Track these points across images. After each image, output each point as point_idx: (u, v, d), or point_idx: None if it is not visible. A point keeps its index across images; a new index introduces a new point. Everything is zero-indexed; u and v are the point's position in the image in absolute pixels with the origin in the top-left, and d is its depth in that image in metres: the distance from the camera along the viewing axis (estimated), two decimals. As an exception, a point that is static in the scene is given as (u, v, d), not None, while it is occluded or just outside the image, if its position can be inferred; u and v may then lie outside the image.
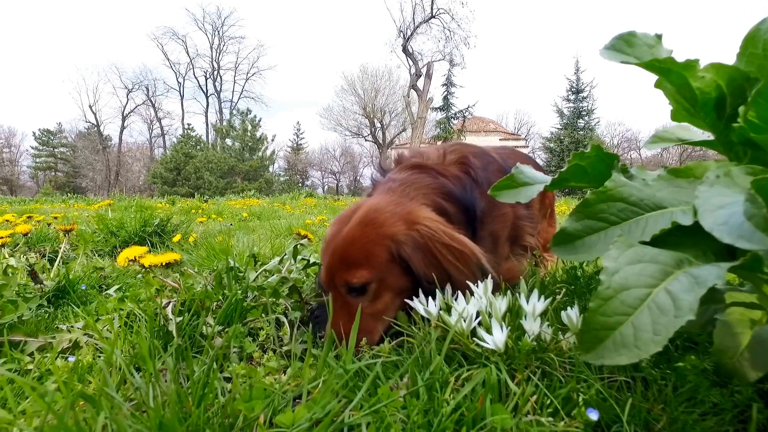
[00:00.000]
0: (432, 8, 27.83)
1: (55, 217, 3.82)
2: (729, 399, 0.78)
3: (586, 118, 32.58)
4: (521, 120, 48.19)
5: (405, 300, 1.09)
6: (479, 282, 1.05)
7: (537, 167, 1.95)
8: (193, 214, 6.18)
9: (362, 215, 1.19)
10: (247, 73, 48.00)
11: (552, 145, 32.50)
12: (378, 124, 37.84)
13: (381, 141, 37.67)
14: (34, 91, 78.95)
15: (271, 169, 41.93)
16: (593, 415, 0.69)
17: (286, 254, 1.39)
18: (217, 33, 46.44)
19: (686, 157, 34.52)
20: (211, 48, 46.92)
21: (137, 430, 0.57)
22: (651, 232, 0.77)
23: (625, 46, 1.04)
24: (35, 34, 74.49)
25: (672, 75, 0.96)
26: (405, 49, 28.90)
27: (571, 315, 0.94)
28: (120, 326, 1.09)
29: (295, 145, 51.19)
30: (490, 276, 1.09)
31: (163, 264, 1.26)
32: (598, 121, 33.10)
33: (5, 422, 0.68)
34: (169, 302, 1.17)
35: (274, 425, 0.70)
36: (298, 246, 1.40)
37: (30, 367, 1.02)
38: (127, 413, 0.62)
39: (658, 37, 1.03)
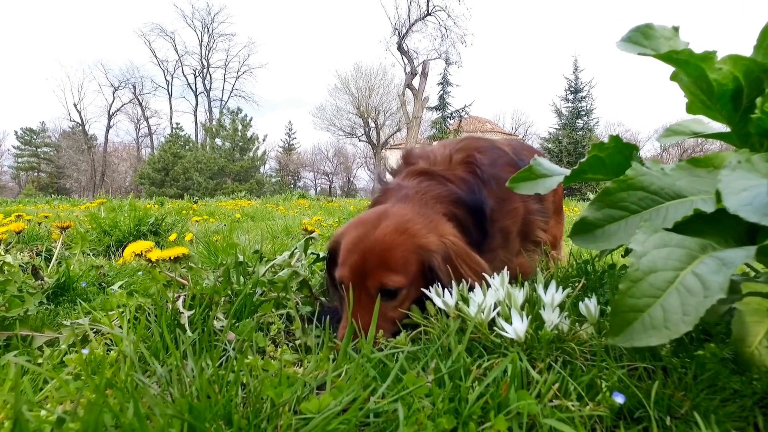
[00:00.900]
0: (428, 5, 27.97)
1: (46, 216, 3.80)
2: (749, 386, 0.81)
3: (585, 118, 32.79)
4: (518, 120, 48.47)
5: (422, 289, 1.15)
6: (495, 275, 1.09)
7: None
8: (185, 215, 6.17)
9: (395, 222, 1.25)
10: (238, 71, 47.95)
11: (550, 145, 32.66)
12: (372, 124, 37.89)
13: (375, 141, 37.73)
14: (16, 89, 78.30)
15: (262, 169, 41.81)
16: (619, 399, 0.71)
17: (296, 248, 1.40)
18: (206, 30, 46.35)
19: (686, 158, 34.74)
20: (201, 45, 46.83)
21: (169, 415, 0.59)
22: (672, 220, 0.80)
23: (642, 38, 1.06)
24: (17, 28, 73.93)
25: (689, 67, 0.99)
26: (400, 47, 29.00)
27: (590, 305, 0.96)
28: (130, 320, 1.10)
29: (286, 145, 51.15)
30: (505, 269, 1.11)
31: (171, 258, 1.27)
32: (597, 122, 33.33)
33: (27, 407, 0.69)
34: (179, 296, 1.18)
35: (299, 413, 0.72)
36: (308, 241, 1.42)
37: (40, 360, 1.03)
38: (157, 399, 0.63)
39: (675, 29, 1.06)
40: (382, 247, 1.20)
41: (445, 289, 1.07)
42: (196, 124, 47.03)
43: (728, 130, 1.07)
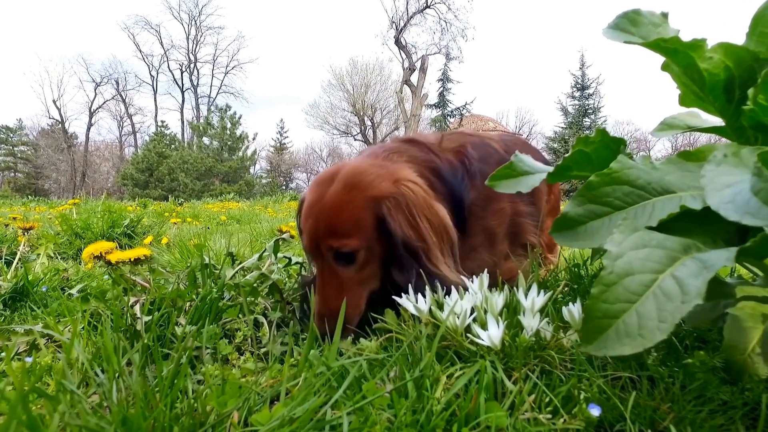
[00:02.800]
0: (427, -3, 28.07)
1: (14, 218, 3.77)
2: (739, 396, 0.79)
3: (593, 116, 32.88)
4: (522, 118, 48.41)
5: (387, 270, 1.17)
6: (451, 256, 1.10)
7: (545, 162, 1.97)
8: (166, 217, 6.15)
9: (345, 178, 1.22)
10: (227, 67, 47.98)
11: (556, 145, 32.70)
12: (368, 122, 37.91)
13: (371, 141, 37.72)
14: (-8, 84, 77.99)
15: (252, 170, 41.78)
16: (595, 411, 0.70)
17: (266, 250, 1.38)
18: (193, 23, 46.38)
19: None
20: (188, 39, 46.84)
21: (99, 427, 0.57)
22: (658, 217, 0.78)
23: (629, 25, 1.05)
24: (-6, 22, 73.75)
25: (678, 56, 0.98)
26: (398, 42, 29.07)
27: (573, 310, 0.95)
28: (83, 326, 1.08)
29: (278, 144, 51.09)
30: (486, 271, 1.10)
31: (132, 260, 1.26)
32: (605, 120, 33.39)
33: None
34: (137, 300, 1.16)
35: (250, 425, 0.70)
36: (279, 242, 1.40)
37: (-19, 370, 1.01)
38: (87, 409, 0.61)
39: (664, 15, 1.05)
40: (330, 209, 1.17)
41: (403, 268, 1.08)
42: (182, 122, 47.03)
43: (723, 123, 1.06)
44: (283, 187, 44.71)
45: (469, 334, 0.92)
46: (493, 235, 1.48)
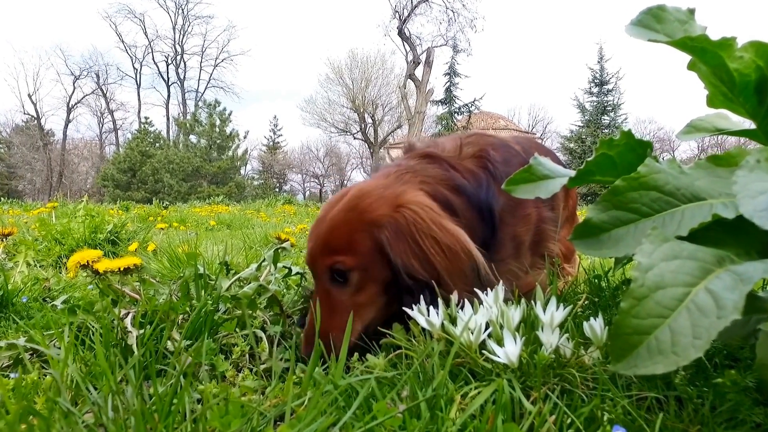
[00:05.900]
0: (432, -15, 28.18)
1: (-11, 222, 3.79)
2: (774, 419, 0.80)
3: (612, 114, 32.93)
4: (536, 116, 48.61)
5: (392, 298, 1.19)
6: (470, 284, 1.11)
7: (561, 165, 1.98)
8: (151, 222, 6.17)
9: (348, 199, 1.30)
10: (216, 59, 48.24)
11: (572, 145, 32.77)
12: (369, 120, 37.96)
13: (372, 139, 37.78)
14: (-37, 78, 78.22)
15: (242, 171, 41.86)
16: (620, 434, 0.71)
17: (264, 260, 1.40)
18: (180, 11, 46.65)
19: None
20: (174, 29, 47.11)
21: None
22: (688, 226, 0.80)
23: (653, 21, 1.07)
24: (-34, 10, 74.06)
25: (707, 55, 0.99)
26: (401, 33, 29.17)
27: (595, 326, 0.96)
28: (71, 340, 1.09)
29: (271, 143, 51.23)
30: (501, 284, 1.11)
31: (121, 269, 1.27)
32: (626, 118, 33.47)
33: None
34: (128, 313, 1.17)
35: (254, 448, 0.71)
36: (279, 251, 1.42)
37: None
38: (83, 429, 0.62)
39: (691, 11, 1.07)
40: (328, 227, 1.26)
41: (410, 296, 1.09)
42: (167, 118, 47.21)
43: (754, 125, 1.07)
44: (277, 190, 44.80)
45: (484, 351, 0.93)
46: (520, 243, 1.49)
